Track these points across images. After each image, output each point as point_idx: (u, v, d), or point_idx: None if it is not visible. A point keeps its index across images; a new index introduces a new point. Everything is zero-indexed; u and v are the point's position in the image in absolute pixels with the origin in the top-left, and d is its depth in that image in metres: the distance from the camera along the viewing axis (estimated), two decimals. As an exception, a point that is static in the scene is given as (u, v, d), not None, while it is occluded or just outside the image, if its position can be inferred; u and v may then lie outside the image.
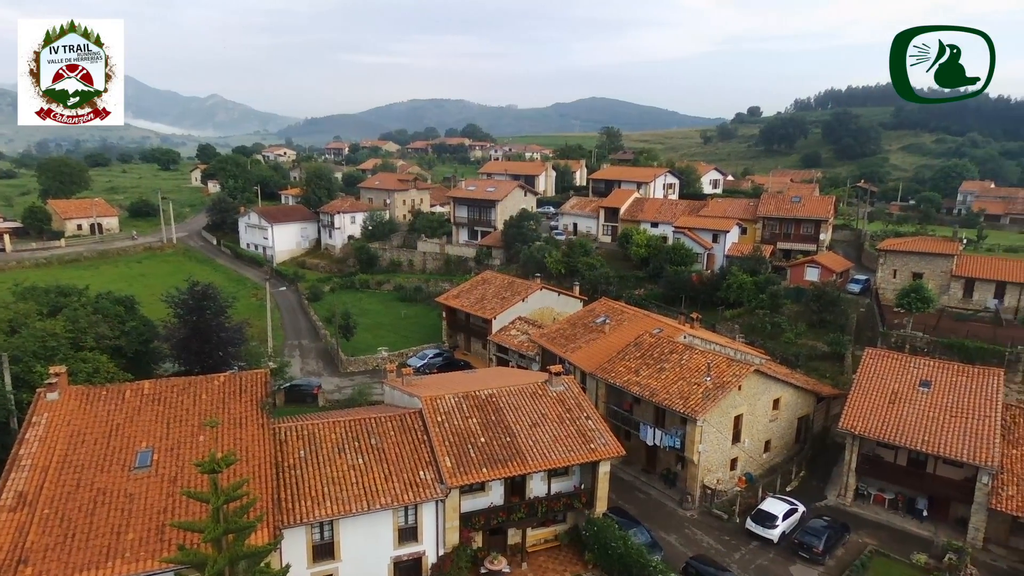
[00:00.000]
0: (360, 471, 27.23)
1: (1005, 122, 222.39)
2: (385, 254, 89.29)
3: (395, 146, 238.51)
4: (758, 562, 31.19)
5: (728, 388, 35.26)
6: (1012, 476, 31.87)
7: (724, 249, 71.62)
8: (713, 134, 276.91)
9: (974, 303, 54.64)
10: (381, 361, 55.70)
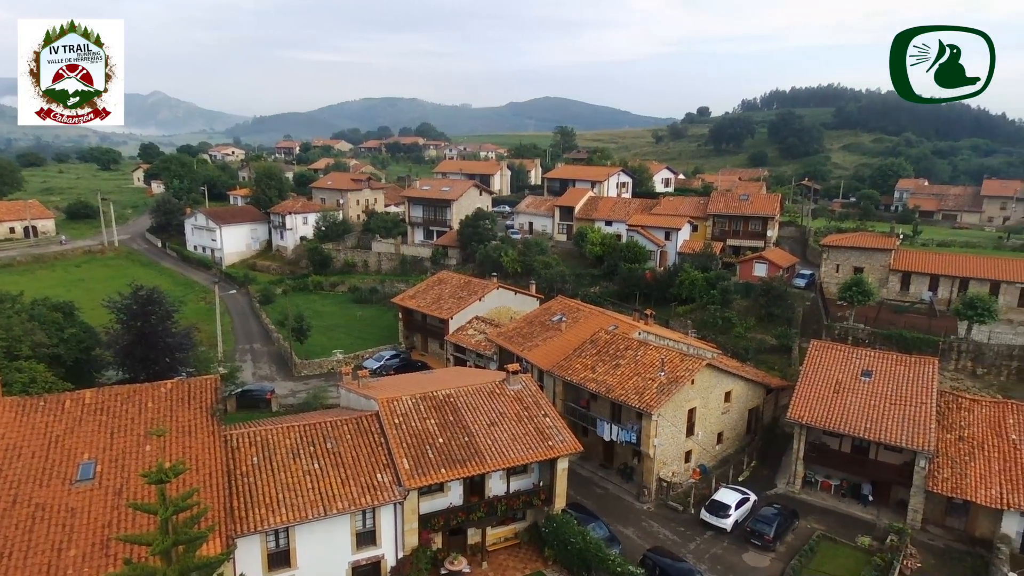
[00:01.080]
0: (316, 476, 26.76)
1: (937, 123, 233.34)
2: (339, 255, 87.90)
3: (348, 145, 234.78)
4: (712, 551, 31.99)
5: (682, 382, 36.03)
6: (947, 459, 33.56)
7: (676, 246, 73.12)
8: (664, 134, 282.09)
9: (911, 295, 57.25)
10: (336, 364, 54.84)
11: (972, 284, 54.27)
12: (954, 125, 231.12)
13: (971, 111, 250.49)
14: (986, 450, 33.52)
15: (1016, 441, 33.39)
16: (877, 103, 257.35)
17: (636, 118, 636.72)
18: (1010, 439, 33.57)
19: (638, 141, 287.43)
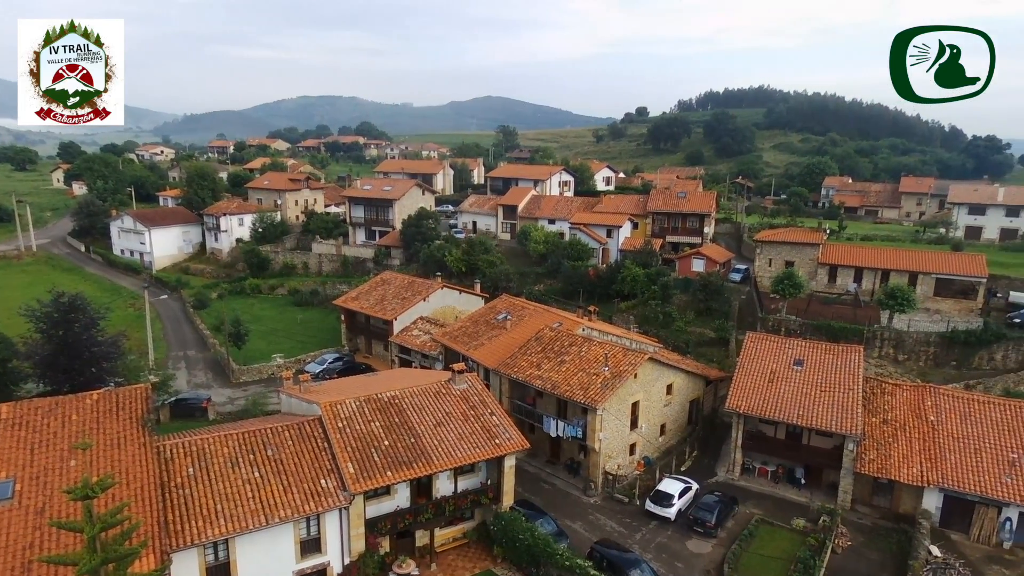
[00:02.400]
0: (256, 485, 25.95)
1: (859, 123, 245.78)
2: (277, 257, 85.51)
3: (285, 144, 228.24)
4: (657, 540, 32.77)
5: (625, 377, 36.73)
6: (872, 442, 35.45)
7: (618, 244, 74.47)
8: (605, 133, 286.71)
9: (837, 287, 60.09)
10: (276, 369, 53.36)
11: (892, 276, 57.44)
12: (874, 125, 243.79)
13: (889, 112, 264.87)
14: (907, 431, 35.59)
15: (934, 422, 35.57)
16: (804, 104, 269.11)
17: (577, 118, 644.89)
18: (928, 420, 35.73)
19: (579, 140, 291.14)
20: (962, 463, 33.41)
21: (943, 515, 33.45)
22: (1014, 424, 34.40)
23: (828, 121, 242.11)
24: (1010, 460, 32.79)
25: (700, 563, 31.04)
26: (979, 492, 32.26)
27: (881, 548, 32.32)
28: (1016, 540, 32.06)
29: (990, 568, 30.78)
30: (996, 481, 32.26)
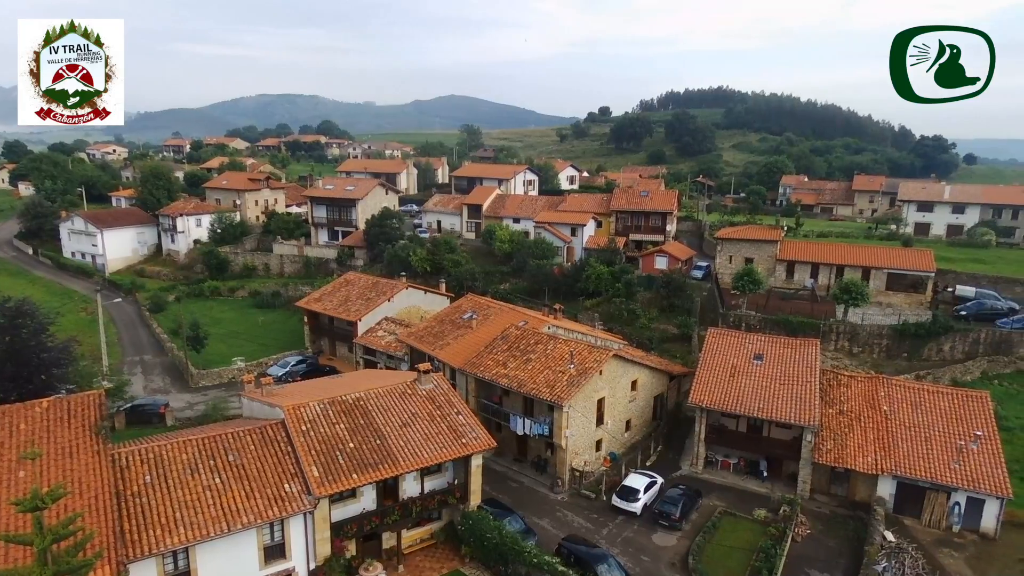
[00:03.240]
0: (217, 491, 25.35)
1: (813, 123, 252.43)
2: (237, 258, 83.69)
3: (244, 143, 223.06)
4: (624, 534, 33.14)
5: (590, 373, 37.03)
6: (829, 432, 36.51)
7: (582, 242, 75.00)
8: (568, 132, 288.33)
9: (795, 283, 61.69)
10: (237, 372, 52.22)
11: (847, 271, 59.21)
12: (828, 125, 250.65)
13: (842, 112, 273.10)
14: (862, 422, 36.77)
15: (887, 412, 36.82)
16: (762, 105, 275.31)
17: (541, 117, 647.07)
18: (882, 410, 36.97)
19: (543, 140, 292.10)
20: (913, 451, 34.68)
21: (896, 501, 34.64)
22: (961, 412, 35.86)
23: (785, 121, 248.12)
24: (958, 447, 34.15)
25: (666, 556, 31.51)
26: (930, 478, 33.52)
27: (839, 535, 33.30)
28: (965, 524, 33.42)
29: (940, 551, 32.00)
30: (945, 467, 33.57)
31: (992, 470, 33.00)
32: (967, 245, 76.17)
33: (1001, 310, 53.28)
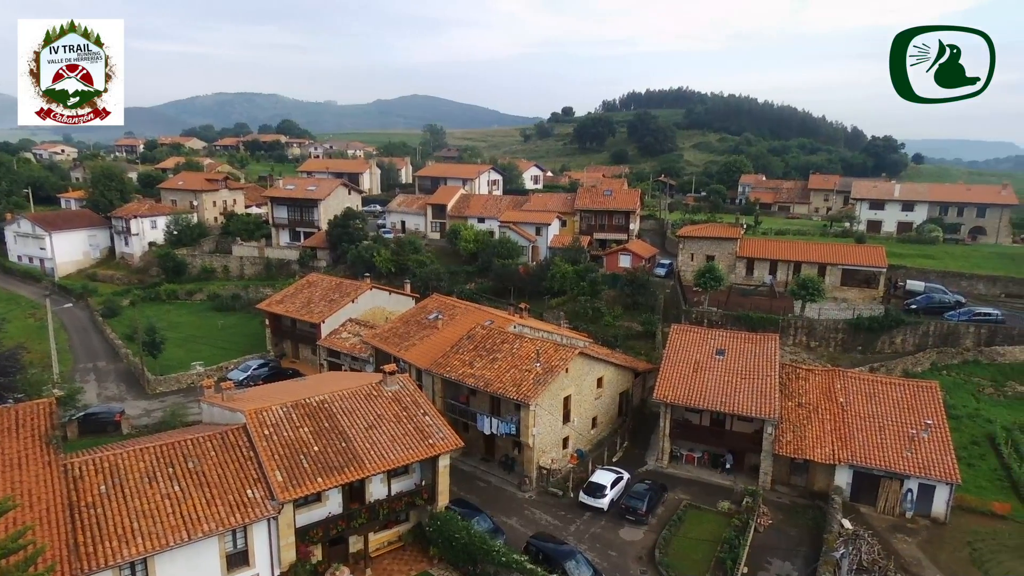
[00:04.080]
0: (176, 499, 24.67)
1: (771, 123, 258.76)
2: (195, 261, 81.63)
3: (201, 143, 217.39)
4: (592, 530, 33.41)
5: (557, 372, 37.23)
6: (789, 424, 37.45)
7: (547, 241, 75.36)
8: (532, 132, 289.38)
9: (755, 279, 63.11)
10: (196, 378, 50.95)
11: (804, 267, 60.82)
12: (784, 126, 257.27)
13: (798, 113, 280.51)
14: (820, 413, 37.82)
15: (843, 404, 37.95)
16: (721, 105, 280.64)
17: (504, 117, 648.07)
18: (838, 402, 38.09)
19: (507, 140, 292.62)
20: (869, 441, 35.83)
21: (853, 490, 35.75)
22: (913, 403, 37.20)
23: (743, 122, 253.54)
24: (910, 436, 35.42)
25: (632, 550, 31.88)
26: (884, 467, 34.69)
27: (799, 524, 34.19)
28: (917, 509, 34.68)
29: (895, 536, 33.15)
30: (898, 456, 34.79)
31: (942, 457, 34.32)
32: (916, 241, 78.99)
33: (949, 303, 55.49)
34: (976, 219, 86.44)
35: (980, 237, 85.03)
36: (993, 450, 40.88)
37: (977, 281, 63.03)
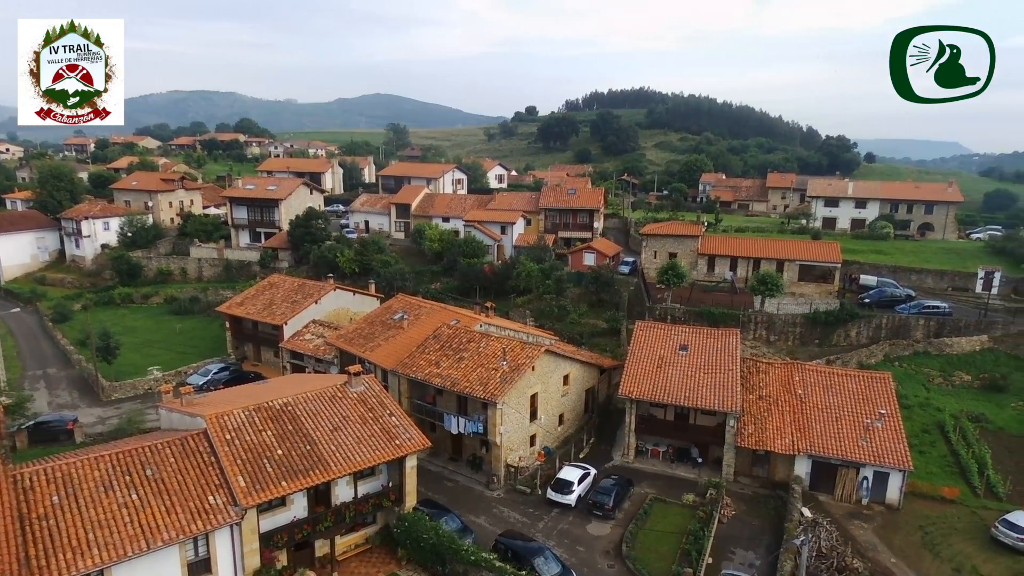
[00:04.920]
0: (134, 508, 23.97)
1: (729, 123, 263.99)
2: (151, 263, 79.36)
3: (155, 142, 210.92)
4: (560, 527, 33.64)
5: (523, 370, 37.34)
6: (751, 417, 38.32)
7: (512, 240, 75.49)
8: (496, 131, 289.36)
9: (716, 276, 64.33)
10: (154, 383, 49.60)
11: (763, 263, 62.24)
12: (743, 125, 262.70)
13: (756, 113, 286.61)
14: (779, 406, 38.80)
15: (802, 396, 39.01)
16: (681, 105, 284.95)
17: (468, 116, 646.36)
18: (797, 394, 39.14)
19: (471, 139, 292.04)
20: (826, 431, 36.91)
21: (812, 479, 36.78)
22: (867, 393, 38.47)
23: (703, 121, 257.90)
24: (865, 425, 36.62)
25: (600, 545, 32.20)
26: (841, 456, 35.78)
27: (761, 514, 35.02)
28: (872, 496, 35.87)
29: (852, 523, 34.24)
30: (854, 445, 35.93)
31: (895, 446, 35.58)
32: (869, 237, 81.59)
33: (900, 297, 57.52)
34: (924, 216, 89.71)
35: (928, 233, 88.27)
36: (942, 437, 42.55)
37: (926, 275, 65.48)
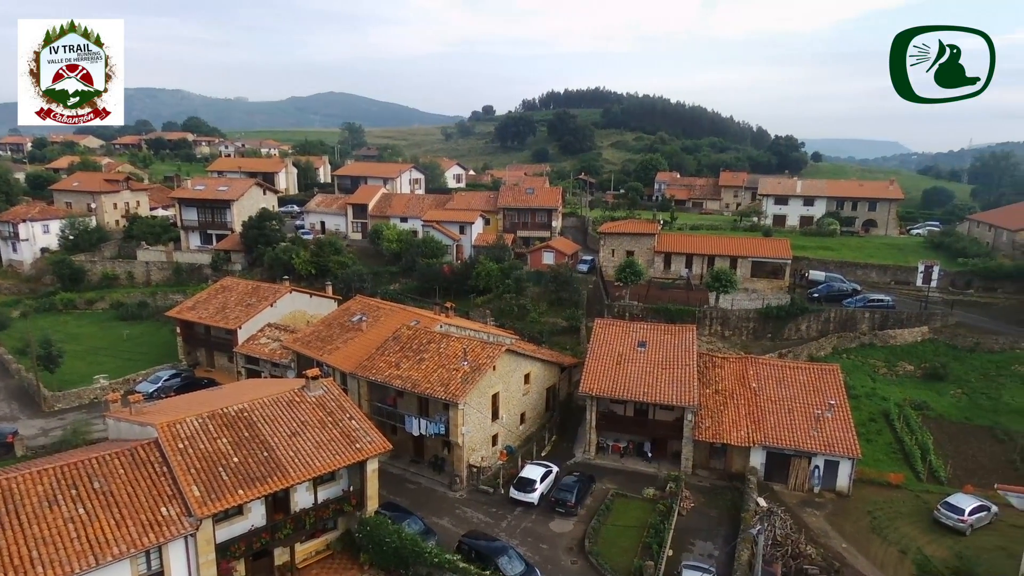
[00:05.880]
0: (82, 523, 23.01)
1: (683, 123, 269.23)
2: (95, 267, 76.26)
3: (98, 141, 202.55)
4: (523, 525, 33.75)
5: (484, 369, 37.32)
6: (707, 411, 39.18)
7: (471, 240, 75.34)
8: (453, 131, 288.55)
9: (672, 273, 65.55)
10: (101, 392, 47.71)
11: (717, 260, 63.73)
12: (696, 125, 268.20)
13: (708, 113, 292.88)
14: (735, 399, 39.78)
15: (756, 389, 40.08)
16: (636, 105, 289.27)
17: (425, 115, 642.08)
18: (751, 387, 40.20)
19: (428, 138, 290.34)
20: (779, 423, 38.03)
21: (767, 470, 37.85)
22: (818, 385, 39.79)
23: (657, 121, 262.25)
24: (816, 416, 37.86)
25: (563, 541, 32.44)
26: (794, 447, 36.92)
27: (719, 505, 35.85)
28: (824, 484, 37.12)
29: (804, 511, 35.37)
30: (806, 436, 37.12)
31: (844, 435, 36.90)
32: (816, 234, 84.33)
33: (846, 291, 59.70)
34: (868, 213, 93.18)
35: (872, 229, 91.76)
36: (888, 425, 44.39)
37: (871, 270, 68.10)
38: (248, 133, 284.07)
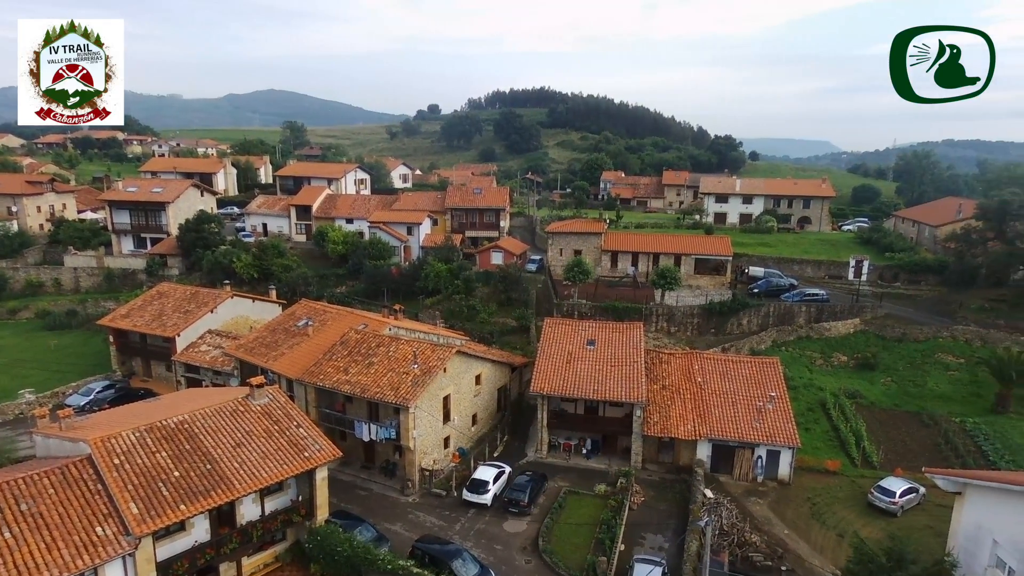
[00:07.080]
0: (9, 548, 21.66)
1: (627, 123, 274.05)
2: (17, 274, 71.97)
3: (18, 140, 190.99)
4: (477, 527, 33.70)
5: (435, 372, 37.06)
6: (656, 406, 40.02)
7: (419, 241, 74.70)
8: (398, 130, 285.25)
9: (619, 271, 66.66)
10: (27, 407, 45.06)
11: (662, 258, 65.17)
12: (639, 125, 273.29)
13: (650, 113, 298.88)
14: (681, 394, 40.78)
15: (701, 383, 41.18)
16: (580, 105, 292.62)
17: (369, 114, 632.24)
18: (697, 382, 41.29)
19: (373, 137, 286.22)
20: (724, 415, 39.19)
21: (713, 462, 38.96)
22: (759, 377, 41.19)
23: (602, 121, 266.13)
24: (758, 408, 39.19)
25: (517, 541, 32.55)
26: (737, 438, 38.12)
27: (668, 499, 36.69)
28: (766, 474, 38.49)
29: (749, 500, 36.57)
30: (749, 427, 38.38)
31: (784, 425, 38.34)
32: (755, 231, 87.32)
33: (784, 286, 62.03)
34: (803, 210, 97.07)
35: (807, 226, 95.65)
36: (824, 414, 46.37)
37: (806, 265, 71.00)
38: (184, 132, 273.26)
